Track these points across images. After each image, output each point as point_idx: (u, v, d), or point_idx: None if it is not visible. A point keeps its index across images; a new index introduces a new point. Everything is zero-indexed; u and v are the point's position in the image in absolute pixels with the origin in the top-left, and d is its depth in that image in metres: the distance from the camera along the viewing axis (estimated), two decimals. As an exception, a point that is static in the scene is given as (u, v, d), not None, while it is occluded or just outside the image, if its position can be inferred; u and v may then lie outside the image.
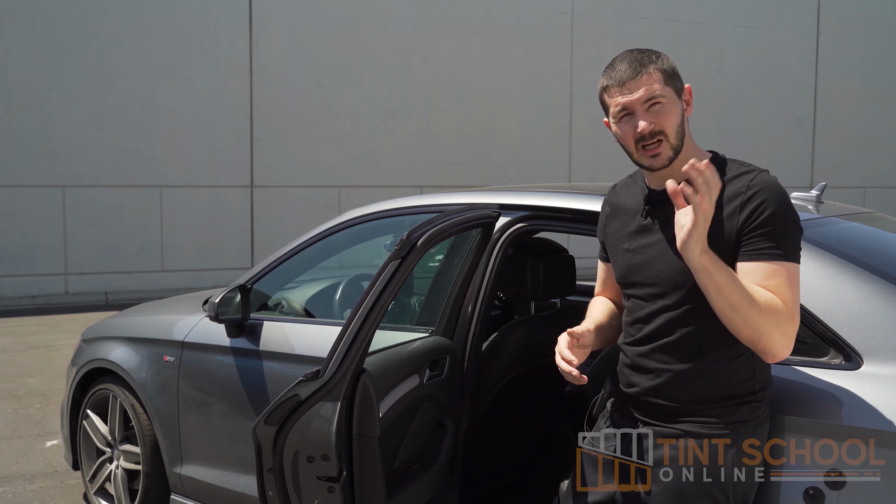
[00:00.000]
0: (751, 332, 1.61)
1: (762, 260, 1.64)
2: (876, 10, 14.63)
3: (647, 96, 1.71)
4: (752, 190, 1.67)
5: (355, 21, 11.43)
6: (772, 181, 1.70)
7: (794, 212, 1.69)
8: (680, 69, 1.82)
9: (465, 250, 2.64)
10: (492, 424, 2.85)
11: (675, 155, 1.74)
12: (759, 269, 1.64)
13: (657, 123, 1.72)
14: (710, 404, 1.73)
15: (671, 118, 1.72)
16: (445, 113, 11.99)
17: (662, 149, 1.73)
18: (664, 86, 1.73)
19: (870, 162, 14.54)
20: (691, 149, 1.79)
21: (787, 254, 1.65)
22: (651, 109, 1.72)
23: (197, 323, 3.22)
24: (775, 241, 1.64)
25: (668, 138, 1.72)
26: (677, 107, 1.74)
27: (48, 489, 4.03)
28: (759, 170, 1.73)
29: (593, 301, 2.06)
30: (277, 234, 10.77)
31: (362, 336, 2.10)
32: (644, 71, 1.72)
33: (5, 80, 10.06)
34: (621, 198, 1.93)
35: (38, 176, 10.17)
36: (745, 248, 1.66)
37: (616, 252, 1.88)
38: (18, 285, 10.18)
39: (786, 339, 1.62)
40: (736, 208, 1.67)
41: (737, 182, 1.70)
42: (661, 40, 13.11)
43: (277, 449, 2.14)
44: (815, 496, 1.75)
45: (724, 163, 1.78)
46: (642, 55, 1.75)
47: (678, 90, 1.76)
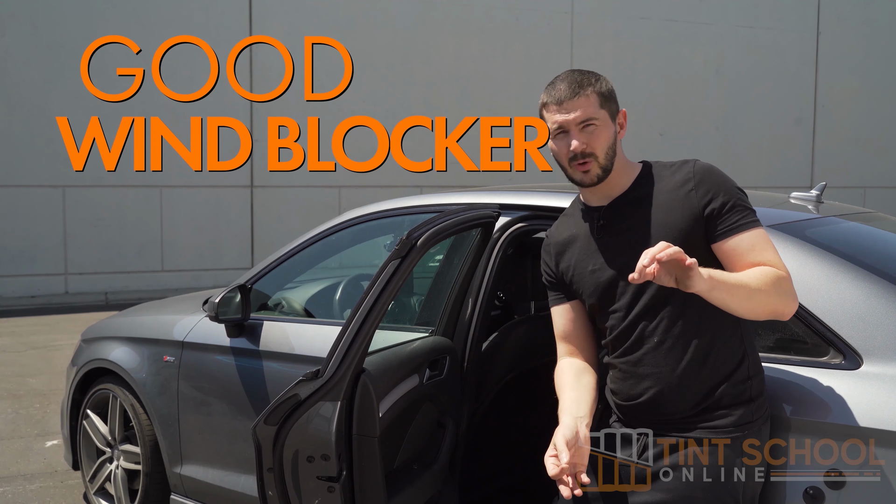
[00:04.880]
0: (766, 308, 1.71)
1: (739, 232, 1.76)
2: (876, 10, 14.62)
3: (582, 118, 1.81)
4: (697, 175, 1.81)
5: (355, 21, 11.43)
6: (708, 165, 1.85)
7: (735, 182, 1.85)
8: (680, 69, 1.85)
9: (465, 250, 2.64)
10: (492, 424, 2.85)
11: (604, 174, 1.84)
12: (740, 242, 1.75)
13: (589, 145, 1.81)
14: (710, 400, 1.74)
15: (602, 140, 1.82)
16: (445, 113, 11.99)
17: (592, 167, 1.82)
18: (599, 108, 1.82)
19: (870, 162, 14.53)
20: (622, 165, 1.88)
21: (754, 220, 1.78)
22: (585, 130, 1.81)
23: (197, 323, 3.22)
24: (740, 213, 1.77)
25: (597, 159, 1.82)
26: (610, 129, 1.84)
27: (48, 489, 4.03)
28: (693, 159, 1.88)
29: (559, 374, 1.95)
30: (277, 234, 10.77)
31: (362, 336, 2.10)
32: (582, 92, 1.81)
33: (5, 80, 10.06)
34: (564, 233, 1.97)
35: (38, 176, 10.17)
36: (721, 228, 1.77)
37: (581, 279, 1.89)
38: (18, 285, 10.19)
39: (792, 297, 1.74)
40: (689, 193, 1.79)
41: (679, 173, 1.84)
42: (661, 40, 13.12)
43: (277, 449, 2.14)
44: (815, 496, 1.75)
45: (655, 165, 1.90)
46: (582, 77, 1.85)
47: (613, 113, 1.86)
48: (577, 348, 1.95)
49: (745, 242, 1.75)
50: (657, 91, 12.78)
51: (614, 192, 1.87)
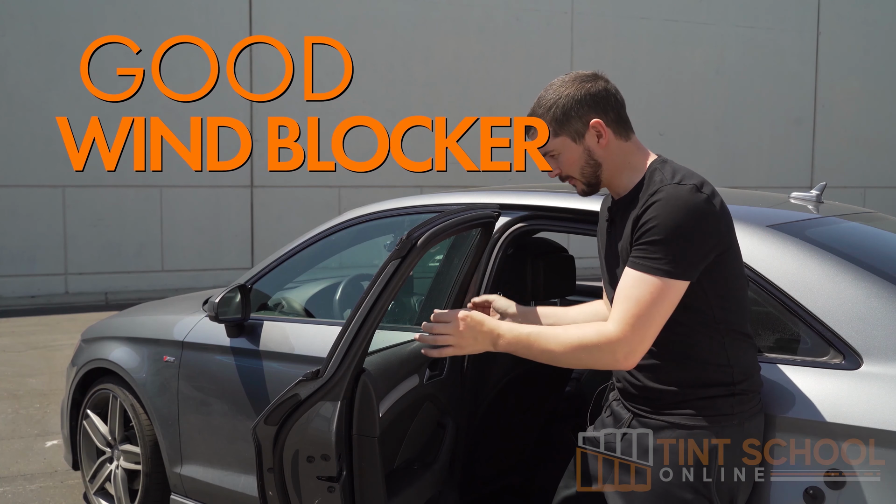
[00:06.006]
0: (581, 366, 1.83)
1: (629, 266, 1.71)
2: (876, 10, 14.62)
3: (543, 152, 1.88)
4: (650, 206, 1.70)
5: (355, 21, 11.43)
6: (674, 194, 1.68)
7: (689, 226, 1.65)
8: (680, 69, 1.85)
9: (465, 250, 2.64)
10: (492, 424, 2.85)
11: (589, 189, 1.88)
12: (624, 276, 1.72)
13: (561, 169, 1.87)
14: (690, 390, 1.75)
15: (570, 163, 1.85)
16: (445, 113, 11.99)
17: (577, 185, 1.89)
18: (554, 138, 1.83)
19: (870, 162, 14.53)
20: (622, 167, 1.84)
21: (650, 265, 1.66)
22: (552, 159, 1.88)
23: (197, 323, 3.22)
24: (645, 251, 1.68)
25: (575, 179, 1.87)
26: (574, 152, 1.83)
27: (48, 489, 4.03)
28: (675, 182, 1.71)
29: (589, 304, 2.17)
30: (277, 234, 10.77)
31: (362, 336, 2.10)
32: (533, 129, 1.86)
33: (5, 80, 10.06)
34: (602, 208, 2.05)
35: (38, 176, 10.16)
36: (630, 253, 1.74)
37: (600, 256, 2.00)
38: (18, 285, 10.18)
39: (607, 363, 1.71)
40: (636, 219, 1.73)
41: (647, 192, 1.74)
42: (661, 40, 13.12)
43: (277, 449, 2.14)
44: (815, 496, 1.75)
45: (654, 174, 1.78)
46: (534, 106, 1.85)
47: (577, 132, 1.82)
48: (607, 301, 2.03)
49: (624, 279, 1.71)
50: (657, 91, 12.78)
51: (619, 192, 1.88)
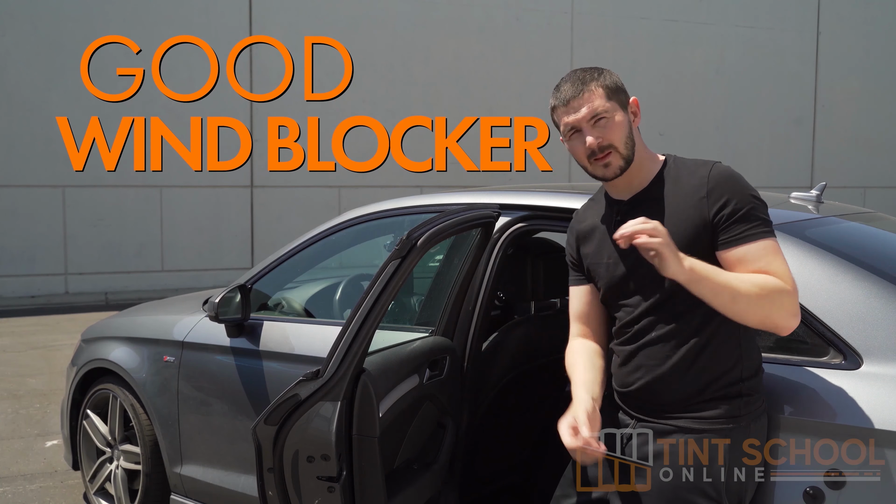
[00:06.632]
0: (756, 316, 1.68)
1: (744, 243, 1.72)
2: (876, 10, 14.62)
3: (591, 114, 1.80)
4: (712, 181, 1.76)
5: (355, 21, 11.43)
6: (727, 170, 1.80)
7: (755, 190, 1.78)
8: (680, 69, 1.86)
9: (465, 250, 2.64)
10: (492, 424, 2.85)
11: (626, 164, 1.82)
12: (746, 253, 1.72)
13: (605, 137, 1.80)
14: (700, 395, 1.76)
15: (618, 131, 1.81)
16: (445, 113, 11.98)
17: (612, 159, 1.81)
18: (607, 101, 1.81)
19: (870, 162, 14.53)
20: (644, 156, 1.87)
21: (764, 231, 1.73)
22: (597, 125, 1.80)
23: (197, 323, 3.22)
24: (749, 222, 1.73)
25: (617, 150, 1.81)
26: (623, 119, 1.82)
27: (48, 489, 4.03)
28: (713, 162, 1.83)
29: (572, 353, 1.96)
30: (277, 234, 10.76)
31: (362, 336, 2.10)
32: (586, 89, 1.81)
33: (5, 80, 10.05)
34: (588, 219, 1.98)
35: (38, 176, 10.16)
36: (725, 237, 1.74)
37: (597, 269, 1.92)
38: (18, 285, 10.18)
39: (788, 312, 1.69)
40: (702, 199, 1.76)
41: (694, 177, 1.80)
42: (661, 40, 13.12)
43: (277, 449, 2.14)
44: (815, 496, 1.75)
45: (675, 162, 1.87)
46: (584, 73, 1.84)
47: (623, 103, 1.84)
48: (590, 330, 1.97)
49: (752, 253, 1.71)
50: (657, 91, 12.78)
51: (634, 187, 1.85)
